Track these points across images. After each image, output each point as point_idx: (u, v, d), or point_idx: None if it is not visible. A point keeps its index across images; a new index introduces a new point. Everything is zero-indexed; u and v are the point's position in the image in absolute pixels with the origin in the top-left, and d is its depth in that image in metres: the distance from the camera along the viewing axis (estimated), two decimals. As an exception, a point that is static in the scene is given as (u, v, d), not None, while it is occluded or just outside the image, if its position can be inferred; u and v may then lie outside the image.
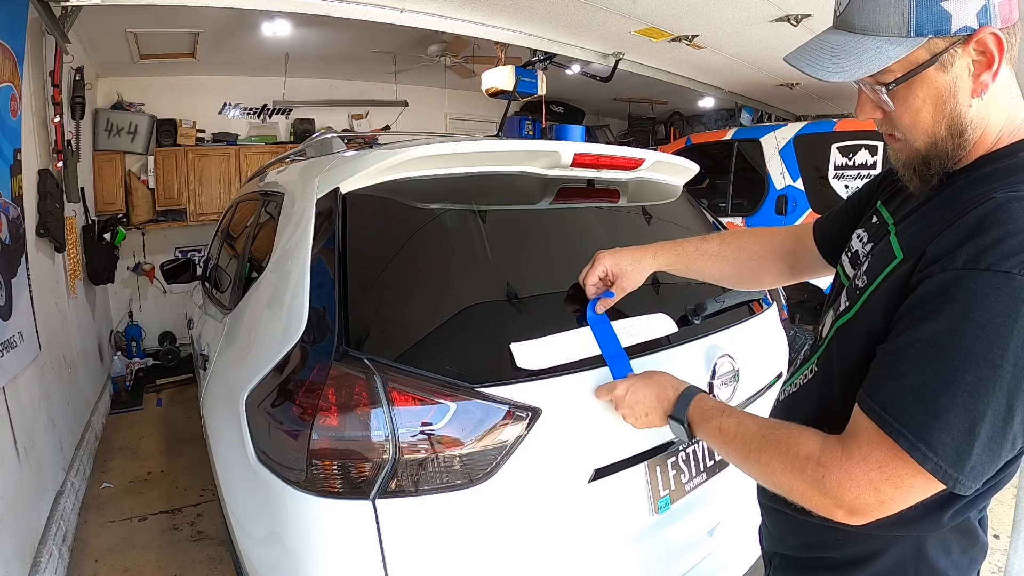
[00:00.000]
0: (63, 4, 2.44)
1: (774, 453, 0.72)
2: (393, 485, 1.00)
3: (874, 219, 0.83)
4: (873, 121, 0.74)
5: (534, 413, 1.08)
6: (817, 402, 0.80)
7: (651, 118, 7.70)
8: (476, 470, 1.04)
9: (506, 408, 1.06)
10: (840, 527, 0.68)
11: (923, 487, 0.61)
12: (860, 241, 0.84)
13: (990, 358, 0.56)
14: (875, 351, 0.67)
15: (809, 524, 0.73)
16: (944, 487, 0.60)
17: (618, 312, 1.24)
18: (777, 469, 0.72)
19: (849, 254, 0.86)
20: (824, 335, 0.81)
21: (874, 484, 0.62)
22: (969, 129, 0.66)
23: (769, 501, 0.87)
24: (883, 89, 0.67)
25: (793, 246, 1.08)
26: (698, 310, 1.39)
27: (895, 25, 0.63)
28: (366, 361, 1.03)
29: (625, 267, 1.16)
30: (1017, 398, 0.57)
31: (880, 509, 0.64)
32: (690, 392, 0.94)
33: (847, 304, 0.75)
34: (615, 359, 1.15)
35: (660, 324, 1.33)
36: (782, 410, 0.89)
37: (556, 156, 1.37)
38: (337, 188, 1.26)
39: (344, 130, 5.50)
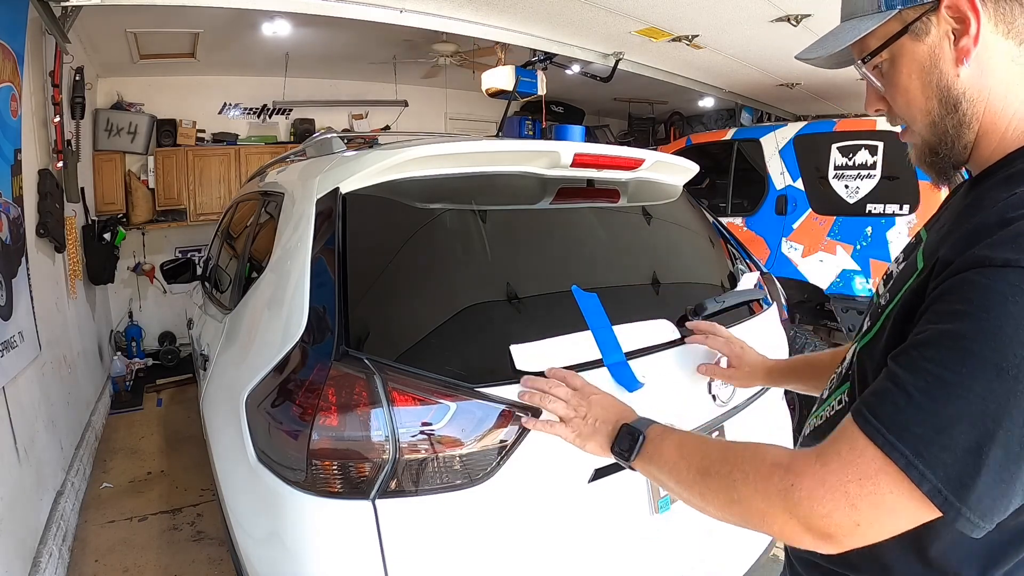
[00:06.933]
0: (63, 4, 2.44)
1: (736, 463, 0.66)
2: (393, 485, 1.00)
3: (912, 240, 0.79)
4: (887, 119, 0.74)
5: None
6: None
7: (651, 118, 7.69)
8: (476, 470, 1.04)
9: (506, 408, 1.06)
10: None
11: (909, 512, 0.53)
12: (896, 264, 0.78)
13: (1005, 367, 0.48)
14: None
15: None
16: (939, 516, 0.51)
17: (619, 315, 1.24)
18: (739, 480, 0.64)
19: (885, 276, 0.80)
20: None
21: (851, 499, 0.54)
22: (964, 101, 0.63)
23: (807, 554, 0.73)
24: (861, 64, 0.69)
25: None
26: (698, 310, 1.39)
27: (869, 4, 0.68)
28: (366, 361, 1.03)
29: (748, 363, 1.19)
30: None
31: (854, 534, 0.55)
32: (650, 420, 0.88)
33: (868, 324, 0.71)
34: (616, 364, 1.14)
35: (661, 329, 1.33)
36: (811, 444, 0.83)
37: (556, 156, 1.37)
38: (337, 188, 1.26)
39: (344, 130, 5.50)
